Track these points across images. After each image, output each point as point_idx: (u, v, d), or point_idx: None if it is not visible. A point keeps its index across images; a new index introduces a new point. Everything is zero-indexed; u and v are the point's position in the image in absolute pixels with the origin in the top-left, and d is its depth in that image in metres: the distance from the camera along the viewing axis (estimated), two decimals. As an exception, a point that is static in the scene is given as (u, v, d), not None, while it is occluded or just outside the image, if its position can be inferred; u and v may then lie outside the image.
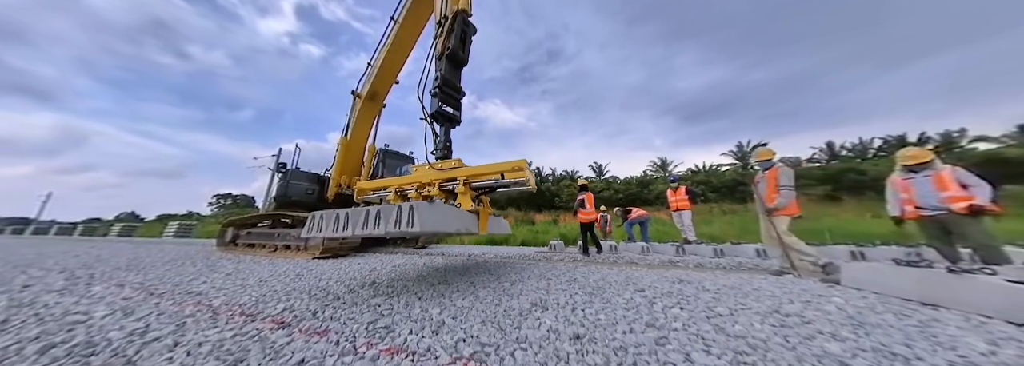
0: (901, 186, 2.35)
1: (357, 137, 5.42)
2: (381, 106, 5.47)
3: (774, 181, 2.81)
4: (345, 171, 5.40)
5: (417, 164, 2.73)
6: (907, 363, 0.98)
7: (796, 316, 1.44)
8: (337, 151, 5.42)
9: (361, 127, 5.38)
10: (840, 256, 3.67)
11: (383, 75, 4.85)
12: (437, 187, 2.25)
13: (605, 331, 1.26)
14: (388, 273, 2.91)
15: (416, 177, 2.44)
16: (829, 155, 20.97)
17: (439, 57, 2.62)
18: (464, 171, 2.22)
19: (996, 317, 1.39)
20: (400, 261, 3.86)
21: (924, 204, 2.23)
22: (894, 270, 1.89)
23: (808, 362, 0.98)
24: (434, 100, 2.51)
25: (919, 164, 2.27)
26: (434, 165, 2.37)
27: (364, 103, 5.10)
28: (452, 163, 2.36)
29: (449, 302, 1.77)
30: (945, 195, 2.13)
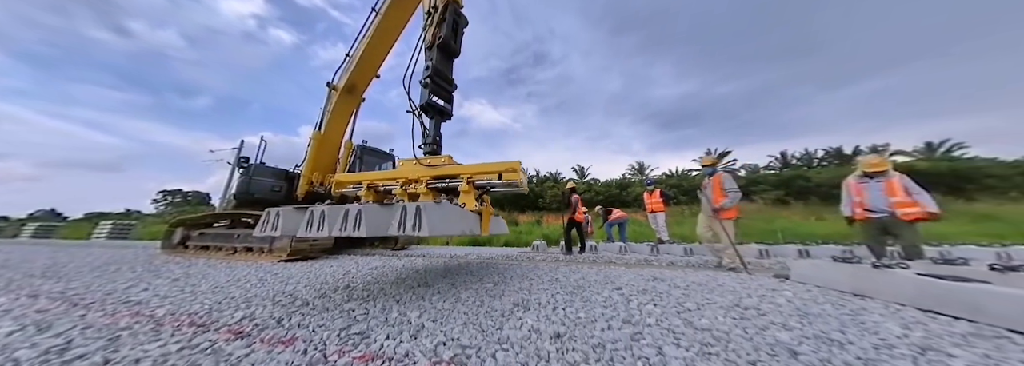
0: (855, 189, 2.63)
1: (332, 132, 5.08)
2: (360, 100, 5.18)
3: (719, 185, 3.17)
4: (318, 167, 5.05)
5: (402, 158, 2.45)
6: (841, 347, 1.11)
7: (753, 309, 1.59)
8: (309, 146, 5.06)
9: (337, 121, 5.05)
10: (790, 254, 4.10)
11: (363, 68, 4.58)
12: (424, 184, 2.10)
13: (585, 329, 1.30)
14: (364, 276, 2.76)
15: (402, 172, 2.25)
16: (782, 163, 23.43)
17: (429, 47, 2.48)
18: (459, 169, 2.11)
19: (908, 305, 1.63)
20: (377, 263, 3.69)
21: (872, 207, 2.51)
22: (832, 266, 2.15)
23: (763, 350, 1.08)
24: (424, 91, 2.31)
25: (877, 172, 2.54)
26: (422, 160, 2.20)
27: (341, 96, 4.79)
28: (441, 159, 2.21)
29: (429, 305, 1.72)
30: (893, 200, 2.41)
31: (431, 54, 2.46)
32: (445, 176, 2.11)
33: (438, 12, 2.53)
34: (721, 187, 3.12)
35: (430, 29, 2.53)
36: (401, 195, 2.17)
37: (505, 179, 1.98)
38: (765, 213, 9.26)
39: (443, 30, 2.47)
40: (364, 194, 2.30)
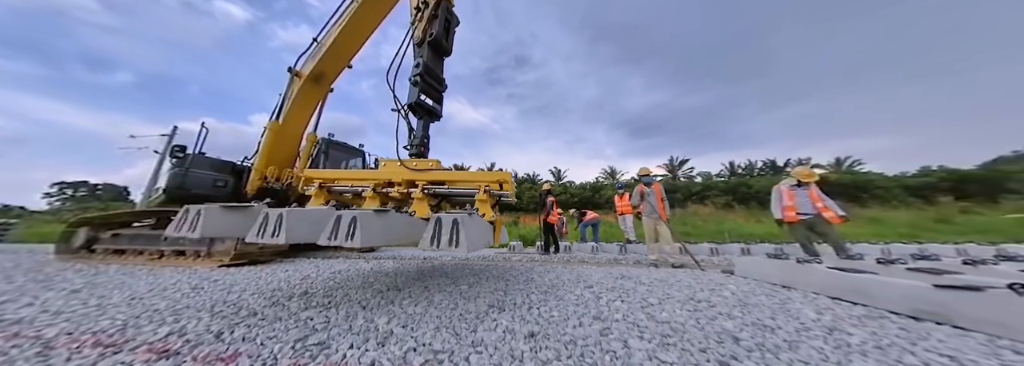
0: (788, 195, 3.14)
1: (293, 122, 4.60)
2: (327, 90, 4.75)
3: (660, 193, 3.75)
4: (274, 161, 4.54)
5: (383, 158, 2.24)
6: (772, 332, 1.29)
7: (705, 302, 1.77)
8: (264, 136, 4.52)
9: (299, 111, 4.58)
10: (735, 252, 4.66)
11: (334, 56, 4.18)
12: (421, 189, 1.93)
13: (558, 327, 1.34)
14: (325, 281, 2.54)
15: (383, 173, 2.06)
16: (730, 172, 26.60)
17: (419, 44, 2.35)
18: (452, 175, 1.97)
19: (821, 293, 1.94)
20: (341, 267, 3.42)
21: (802, 210, 3.03)
22: (767, 262, 2.49)
23: (712, 338, 1.21)
24: (414, 89, 2.19)
25: (808, 181, 3.09)
26: (407, 162, 2.04)
27: (305, 84, 4.34)
28: (430, 163, 2.06)
29: (399, 309, 1.63)
30: (818, 205, 2.98)
31: (421, 51, 2.33)
32: (438, 182, 1.98)
33: (429, 8, 2.42)
34: (662, 195, 3.73)
35: (420, 25, 2.39)
36: (371, 199, 1.98)
37: (500, 191, 1.91)
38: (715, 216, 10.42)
39: (435, 27, 2.35)
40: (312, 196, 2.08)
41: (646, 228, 3.79)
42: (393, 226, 1.49)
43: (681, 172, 26.77)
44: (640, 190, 3.88)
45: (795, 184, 3.12)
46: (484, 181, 1.93)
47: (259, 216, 1.38)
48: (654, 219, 3.71)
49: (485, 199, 1.88)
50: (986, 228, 6.59)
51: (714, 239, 6.26)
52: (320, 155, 5.12)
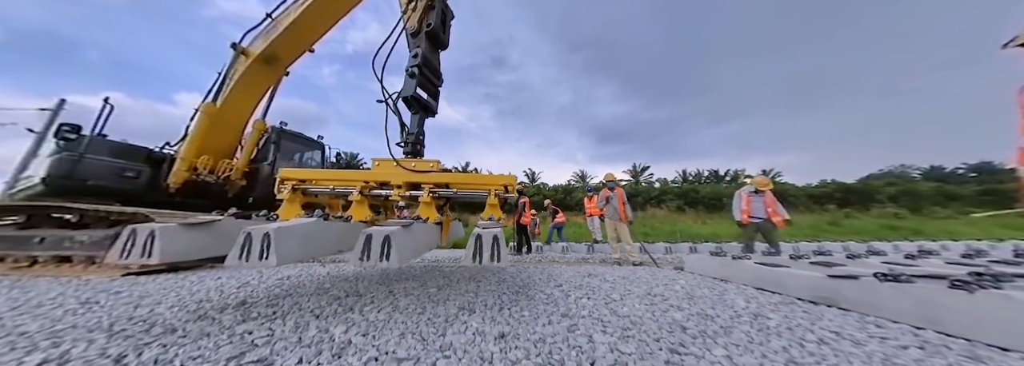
0: (747, 201, 3.71)
1: (235, 106, 3.99)
2: (282, 74, 4.22)
3: (622, 197, 4.14)
4: (208, 150, 3.88)
5: (377, 158, 1.94)
6: (712, 320, 1.47)
7: (659, 296, 1.95)
8: (197, 120, 3.85)
9: (244, 94, 3.98)
10: (685, 251, 5.23)
11: (293, 38, 3.66)
12: (428, 193, 1.78)
13: (528, 326, 1.36)
14: (270, 289, 2.23)
15: (375, 174, 1.88)
16: (682, 179, 29.98)
17: (414, 34, 2.17)
18: (461, 178, 1.86)
19: (750, 285, 2.27)
20: (291, 272, 3.04)
21: (755, 214, 3.63)
22: (709, 259, 2.84)
23: (664, 329, 1.34)
24: (411, 81, 2.01)
25: (764, 189, 3.72)
26: (404, 162, 1.88)
27: (255, 65, 3.77)
28: (430, 164, 1.90)
29: (359, 317, 1.51)
30: (769, 210, 3.59)
31: (417, 41, 2.16)
32: (443, 184, 1.84)
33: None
34: (623, 199, 4.14)
35: (414, 14, 2.22)
36: (359, 202, 1.77)
37: (511, 192, 1.84)
38: (670, 218, 11.61)
39: (432, 17, 2.20)
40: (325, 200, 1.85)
41: (608, 229, 4.13)
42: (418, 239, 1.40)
43: (643, 178, 29.31)
44: (606, 194, 4.21)
45: (754, 191, 3.73)
46: (494, 184, 1.85)
47: (240, 236, 1.19)
48: (615, 221, 4.04)
49: (495, 203, 1.81)
50: (861, 229, 8.38)
51: (668, 239, 6.95)
52: (269, 146, 4.51)
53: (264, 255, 1.16)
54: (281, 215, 1.73)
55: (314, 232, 1.38)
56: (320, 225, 1.43)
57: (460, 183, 1.88)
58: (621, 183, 4.83)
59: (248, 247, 1.18)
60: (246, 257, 1.17)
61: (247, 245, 1.18)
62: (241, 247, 1.18)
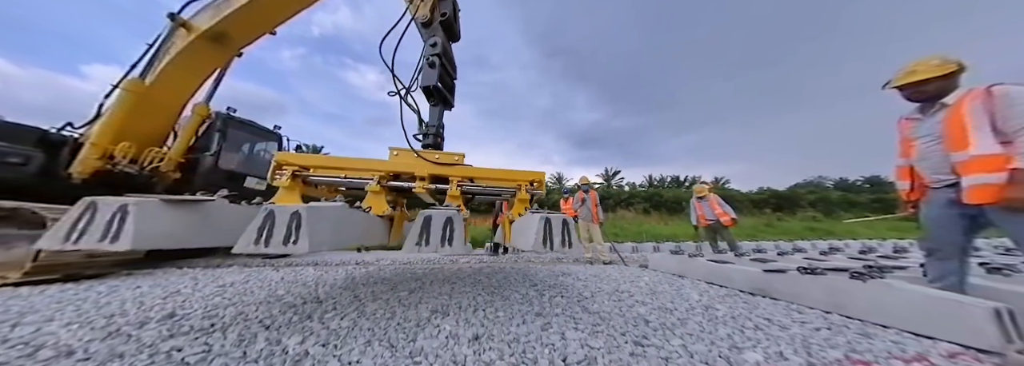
0: (697, 206, 4.36)
1: (170, 86, 3.41)
2: (233, 55, 3.70)
3: (595, 199, 4.46)
4: (129, 135, 3.28)
5: (394, 147, 1.81)
6: (671, 313, 1.61)
7: (626, 292, 2.08)
8: (118, 99, 3.23)
9: (183, 74, 3.42)
10: (649, 250, 5.66)
11: (251, 16, 3.13)
12: (456, 185, 1.70)
13: (502, 327, 1.36)
14: (207, 298, 1.95)
15: (394, 165, 1.73)
16: (648, 183, 32.49)
17: (426, 24, 2.02)
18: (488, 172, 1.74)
19: (703, 280, 2.53)
20: (235, 278, 2.69)
21: (709, 216, 4.23)
22: (670, 257, 3.11)
23: (630, 323, 1.43)
24: (431, 71, 1.91)
25: (703, 195, 4.30)
26: (426, 154, 1.77)
27: (199, 42, 3.18)
28: (455, 156, 1.81)
29: (318, 325, 1.38)
30: (717, 211, 4.15)
31: (432, 31, 2.02)
32: (469, 177, 1.74)
33: None
34: (596, 201, 4.45)
35: (424, 3, 2.07)
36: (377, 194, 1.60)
37: (539, 188, 1.78)
38: (637, 219, 12.50)
39: (445, 7, 2.07)
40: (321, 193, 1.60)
41: (581, 229, 4.32)
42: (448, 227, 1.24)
43: (614, 181, 31.17)
44: (581, 196, 4.44)
45: (698, 197, 4.39)
46: (522, 179, 1.77)
47: (259, 215, 0.96)
48: (588, 221, 4.28)
49: (526, 198, 1.74)
50: (789, 230, 9.82)
51: (635, 239, 7.46)
52: (212, 134, 3.94)
53: (292, 238, 0.93)
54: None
55: (343, 218, 1.18)
56: (347, 211, 1.24)
57: (488, 177, 1.78)
58: (594, 186, 5.17)
59: (269, 228, 0.94)
60: (265, 241, 0.92)
61: (268, 226, 0.94)
62: (260, 229, 0.94)
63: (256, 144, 4.69)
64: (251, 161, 4.61)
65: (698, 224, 4.40)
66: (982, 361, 1.03)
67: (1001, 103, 1.16)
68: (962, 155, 1.23)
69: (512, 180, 1.79)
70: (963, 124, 1.22)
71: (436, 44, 1.96)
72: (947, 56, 1.34)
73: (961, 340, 1.16)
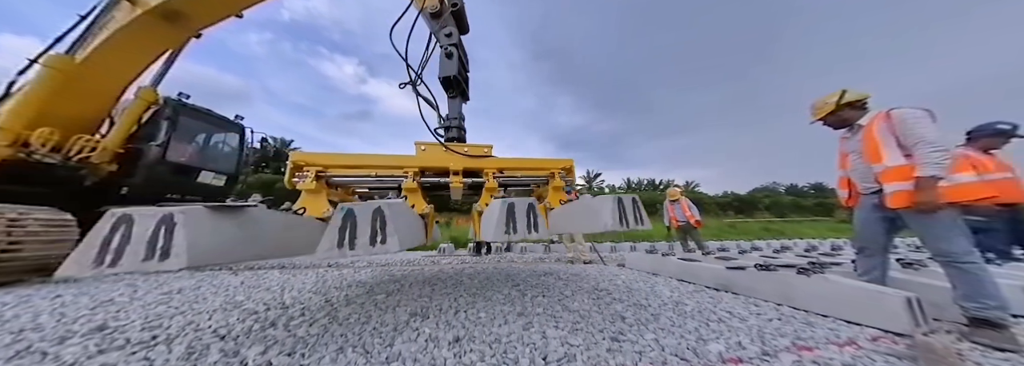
0: (670, 208, 4.82)
1: (107, 67, 2.99)
2: (190, 36, 3.30)
3: None
4: (51, 119, 2.83)
5: (421, 141, 1.76)
6: (645, 309, 1.70)
7: (604, 290, 2.16)
8: (36, 77, 2.77)
9: (124, 53, 3.01)
10: (626, 249, 5.91)
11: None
12: (492, 177, 1.67)
13: (484, 328, 1.35)
14: (148, 307, 1.72)
15: (424, 160, 1.67)
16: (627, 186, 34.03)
17: (436, 14, 1.95)
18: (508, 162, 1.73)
19: (674, 277, 2.69)
20: (183, 284, 2.41)
21: (680, 218, 4.66)
22: (645, 256, 3.28)
23: (607, 319, 1.49)
24: (449, 61, 1.87)
25: (675, 198, 4.73)
26: (456, 147, 1.74)
27: (148, 19, 2.80)
28: (483, 148, 1.80)
29: (284, 333, 1.28)
30: (687, 214, 4.59)
31: (443, 21, 1.95)
32: (500, 169, 1.70)
33: None
34: None
35: None
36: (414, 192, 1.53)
37: (570, 176, 1.79)
38: (616, 220, 13.09)
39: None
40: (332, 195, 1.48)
41: None
42: None
43: (595, 183, 32.28)
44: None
45: (671, 200, 4.83)
46: (553, 168, 1.76)
47: (336, 216, 0.91)
48: None
49: (561, 185, 1.74)
50: (748, 231, 10.78)
51: (613, 239, 7.78)
52: (160, 122, 3.51)
53: (378, 238, 0.90)
54: (309, 211, 1.36)
55: (413, 215, 1.14)
56: (409, 208, 1.18)
57: (520, 168, 1.77)
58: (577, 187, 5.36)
59: (352, 229, 0.90)
60: (350, 243, 0.89)
61: (350, 227, 0.90)
62: (341, 230, 0.90)
63: (214, 135, 4.24)
64: (206, 153, 4.16)
65: (670, 225, 4.79)
66: (898, 343, 1.21)
67: (898, 124, 1.38)
68: (879, 167, 1.44)
69: (544, 169, 1.79)
70: (875, 141, 1.45)
71: (451, 34, 1.91)
72: (828, 96, 1.62)
73: (882, 325, 1.34)
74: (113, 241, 0.73)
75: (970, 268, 1.26)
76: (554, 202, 1.69)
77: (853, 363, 1.04)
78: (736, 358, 1.07)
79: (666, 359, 1.06)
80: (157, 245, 0.73)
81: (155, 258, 0.72)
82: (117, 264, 0.72)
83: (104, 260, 0.71)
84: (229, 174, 4.26)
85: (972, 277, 1.26)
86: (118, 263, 0.72)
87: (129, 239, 0.73)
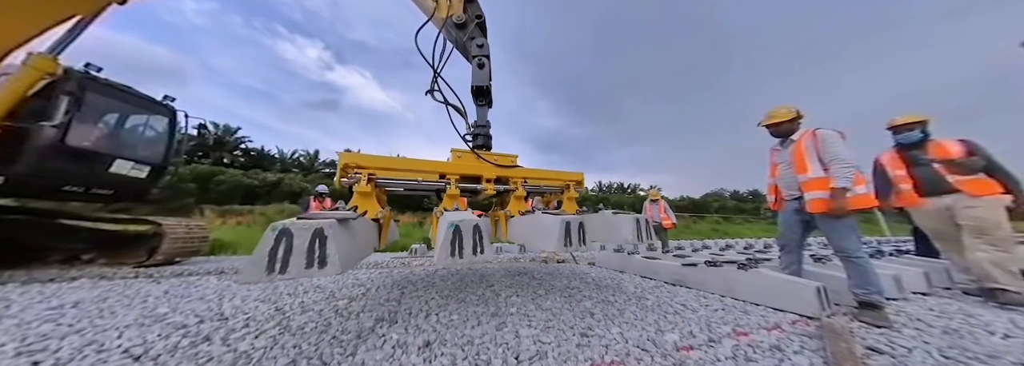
0: (648, 208, 5.20)
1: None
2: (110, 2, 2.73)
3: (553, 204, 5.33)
4: None
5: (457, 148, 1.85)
6: (612, 305, 1.80)
7: (575, 288, 2.25)
8: None
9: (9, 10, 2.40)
10: (597, 248, 6.23)
11: None
12: (521, 186, 1.80)
13: (456, 330, 1.32)
14: (27, 325, 1.38)
15: (462, 167, 1.75)
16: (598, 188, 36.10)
17: (460, 25, 1.95)
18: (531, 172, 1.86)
19: (638, 274, 2.91)
20: (81, 296, 1.98)
21: (655, 219, 5.00)
22: (613, 255, 3.49)
23: (577, 316, 1.55)
24: (482, 72, 1.89)
25: (655, 199, 5.20)
26: (487, 155, 1.83)
27: None
28: (511, 158, 1.91)
29: (221, 348, 1.12)
30: (661, 215, 5.02)
31: (469, 32, 1.94)
32: (524, 178, 1.85)
33: None
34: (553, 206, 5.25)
35: (457, 3, 1.98)
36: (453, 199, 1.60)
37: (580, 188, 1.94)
38: (588, 221, 13.80)
39: (478, 8, 2.02)
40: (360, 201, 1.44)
41: None
42: None
43: (570, 186, 33.69)
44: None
45: (651, 200, 5.29)
46: (569, 179, 1.96)
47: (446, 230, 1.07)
48: None
49: (575, 196, 1.92)
50: (700, 231, 12.09)
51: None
52: (58, 98, 2.84)
53: (478, 249, 1.08)
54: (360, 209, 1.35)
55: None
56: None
57: (540, 177, 1.94)
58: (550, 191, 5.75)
59: (459, 242, 1.06)
60: (459, 253, 1.06)
61: (458, 239, 1.06)
62: (452, 243, 1.06)
63: (132, 116, 3.55)
64: (122, 139, 3.47)
65: None
66: (809, 325, 1.45)
67: (820, 142, 1.67)
68: (804, 177, 1.72)
69: (561, 180, 2.00)
70: (803, 155, 1.72)
71: (483, 45, 1.98)
72: (791, 106, 1.88)
73: (799, 311, 1.60)
74: (279, 251, 0.85)
75: (860, 262, 1.57)
76: (570, 210, 1.88)
77: (777, 344, 1.21)
78: (688, 346, 1.19)
79: (629, 351, 1.14)
80: (315, 255, 0.88)
81: (315, 265, 0.87)
82: (285, 272, 0.84)
83: (275, 268, 0.84)
84: (153, 164, 3.59)
85: (862, 269, 1.56)
86: (286, 271, 0.84)
87: (291, 250, 0.86)
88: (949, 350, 1.17)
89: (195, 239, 3.69)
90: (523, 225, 1.65)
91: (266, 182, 14.50)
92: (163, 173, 3.77)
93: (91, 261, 3.37)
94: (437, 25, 1.97)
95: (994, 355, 1.12)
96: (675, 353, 1.13)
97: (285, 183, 14.75)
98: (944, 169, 1.97)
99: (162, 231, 3.39)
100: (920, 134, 2.10)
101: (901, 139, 2.17)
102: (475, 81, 1.93)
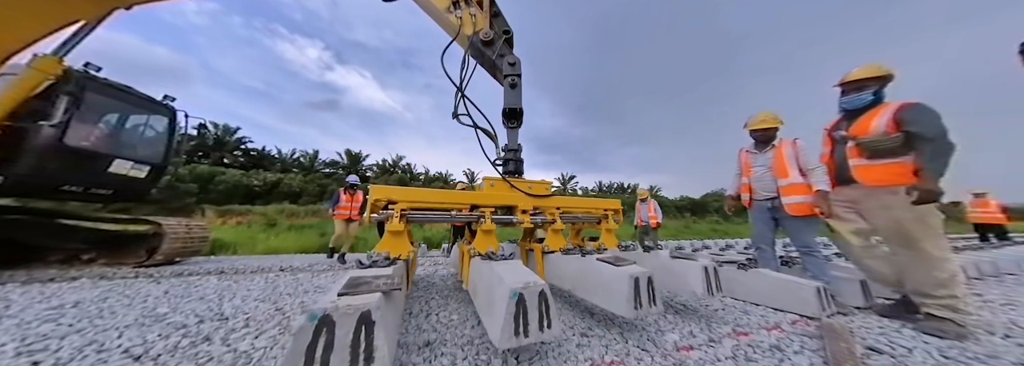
0: (639, 209, 5.33)
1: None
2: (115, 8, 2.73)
3: None
4: None
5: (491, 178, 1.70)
6: (612, 305, 1.80)
7: (576, 288, 2.25)
8: None
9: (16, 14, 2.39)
10: (596, 248, 6.26)
11: None
12: (558, 217, 1.67)
13: (456, 330, 1.32)
14: (27, 325, 1.38)
15: (495, 197, 1.60)
16: (599, 188, 36.03)
17: (487, 42, 1.82)
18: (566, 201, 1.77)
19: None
20: (82, 296, 1.99)
21: (644, 218, 5.20)
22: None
23: (578, 316, 1.55)
24: (514, 92, 1.77)
25: (644, 199, 5.31)
26: (520, 183, 1.67)
27: None
28: (546, 186, 1.74)
29: (221, 348, 1.12)
30: (650, 215, 5.17)
31: (500, 49, 1.83)
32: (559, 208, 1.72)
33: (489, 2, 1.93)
34: None
35: (482, 19, 1.87)
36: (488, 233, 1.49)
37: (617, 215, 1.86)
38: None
39: (504, 24, 1.92)
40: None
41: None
42: None
43: (569, 185, 33.57)
44: None
45: (642, 201, 5.42)
46: (606, 207, 1.83)
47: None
48: None
49: (614, 227, 1.78)
50: (700, 231, 12.11)
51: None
52: (58, 98, 2.84)
53: (546, 322, 0.91)
54: (392, 253, 1.25)
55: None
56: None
57: (577, 208, 1.81)
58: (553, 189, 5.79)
59: (524, 315, 0.90)
60: (524, 331, 0.89)
61: (522, 312, 0.89)
62: (515, 317, 0.89)
63: (131, 117, 3.54)
64: (122, 139, 3.47)
65: (637, 224, 5.27)
66: (809, 325, 1.44)
67: (801, 151, 1.86)
68: (785, 182, 1.88)
69: (598, 208, 1.87)
70: (784, 161, 1.88)
71: (515, 63, 1.81)
72: (776, 114, 2.03)
73: (799, 311, 1.60)
74: (317, 349, 0.64)
75: (820, 256, 1.84)
76: (610, 244, 1.75)
77: (778, 344, 1.21)
78: (688, 346, 1.19)
79: (629, 351, 1.14)
80: (360, 348, 0.67)
81: (360, 363, 0.66)
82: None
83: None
84: (153, 164, 3.59)
85: (820, 263, 1.83)
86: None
87: (333, 347, 0.65)
88: (949, 350, 1.17)
89: (195, 239, 3.69)
90: (569, 269, 1.41)
91: (266, 182, 14.51)
92: (163, 173, 3.78)
93: (91, 261, 3.36)
94: (462, 45, 1.83)
95: (994, 355, 1.12)
96: (675, 353, 1.13)
97: (285, 183, 14.76)
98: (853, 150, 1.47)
99: (162, 231, 3.39)
100: (869, 97, 1.46)
101: (845, 103, 1.54)
102: (508, 103, 1.77)
